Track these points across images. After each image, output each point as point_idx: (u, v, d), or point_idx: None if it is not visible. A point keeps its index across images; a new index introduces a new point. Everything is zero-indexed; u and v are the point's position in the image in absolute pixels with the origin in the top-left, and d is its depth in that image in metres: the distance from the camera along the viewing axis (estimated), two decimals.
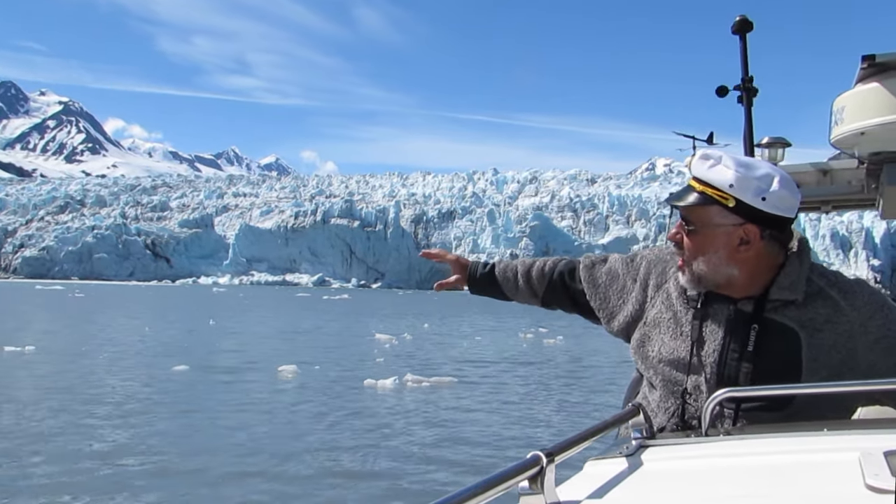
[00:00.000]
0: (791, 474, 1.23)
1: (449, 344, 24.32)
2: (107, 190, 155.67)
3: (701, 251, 1.76)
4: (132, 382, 13.78)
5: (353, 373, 15.83)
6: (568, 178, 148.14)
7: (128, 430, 9.54)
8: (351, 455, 8.48)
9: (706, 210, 1.74)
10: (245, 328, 28.61)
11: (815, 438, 1.38)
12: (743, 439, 1.44)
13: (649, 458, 1.45)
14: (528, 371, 17.46)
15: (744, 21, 3.52)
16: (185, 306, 46.87)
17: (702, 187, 1.74)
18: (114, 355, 17.94)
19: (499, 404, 12.46)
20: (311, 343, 23.00)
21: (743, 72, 3.59)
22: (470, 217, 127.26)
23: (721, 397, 1.51)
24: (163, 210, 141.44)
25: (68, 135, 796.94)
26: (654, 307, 1.91)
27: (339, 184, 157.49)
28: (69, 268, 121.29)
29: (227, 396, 12.40)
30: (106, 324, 30.04)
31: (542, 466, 1.20)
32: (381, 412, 11.43)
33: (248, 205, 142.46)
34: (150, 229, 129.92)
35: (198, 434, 9.46)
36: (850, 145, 3.05)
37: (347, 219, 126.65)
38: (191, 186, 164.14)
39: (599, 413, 11.91)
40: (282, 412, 11.16)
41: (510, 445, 9.30)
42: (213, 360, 17.41)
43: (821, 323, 1.73)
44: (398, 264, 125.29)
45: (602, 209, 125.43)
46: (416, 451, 8.77)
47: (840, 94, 2.92)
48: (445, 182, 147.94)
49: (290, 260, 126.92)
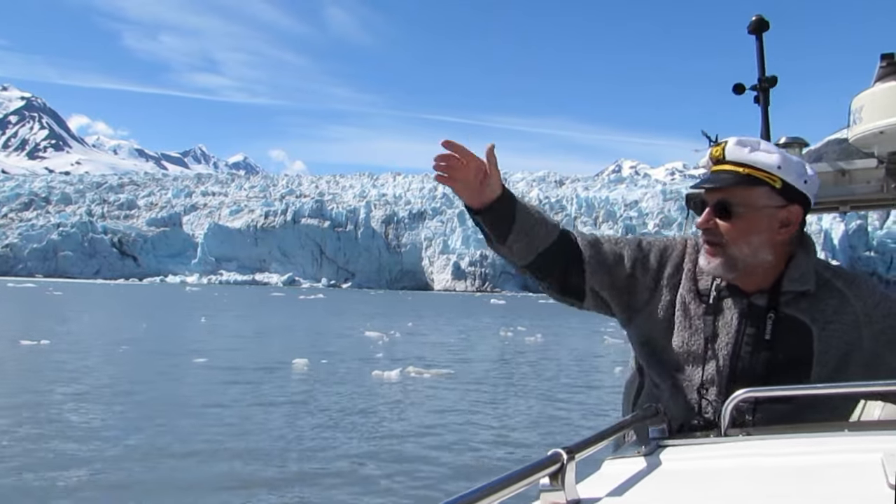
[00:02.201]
0: (813, 474, 1.22)
1: (436, 341, 25.45)
2: (72, 187, 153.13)
3: (744, 234, 1.74)
4: (162, 377, 14.42)
5: (359, 366, 16.96)
6: (537, 180, 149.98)
7: (182, 424, 9.88)
8: (380, 441, 9.39)
9: (752, 191, 1.74)
10: (237, 326, 29.32)
11: (837, 438, 1.37)
12: (763, 439, 1.44)
13: (668, 458, 1.45)
14: (516, 363, 18.86)
15: (760, 21, 3.39)
16: (167, 304, 47.05)
17: (747, 170, 1.73)
18: (129, 351, 18.67)
19: (493, 395, 13.66)
20: (308, 340, 23.84)
21: (760, 72, 3.46)
22: (440, 218, 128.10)
23: (741, 397, 1.51)
24: (130, 208, 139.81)
25: (31, 131, 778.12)
26: (663, 299, 1.86)
27: (310, 184, 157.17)
28: (33, 265, 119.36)
29: (257, 389, 13.26)
30: (101, 320, 30.59)
31: (562, 463, 1.20)
32: (394, 400, 12.64)
33: (217, 204, 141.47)
34: (116, 227, 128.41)
35: (246, 426, 10.03)
36: (868, 145, 3.01)
37: (318, 219, 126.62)
38: (158, 185, 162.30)
39: (590, 401, 13.15)
40: (315, 401, 12.20)
41: (511, 430, 10.46)
42: (226, 355, 18.16)
43: (830, 315, 1.75)
44: (368, 264, 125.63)
45: (570, 211, 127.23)
46: (435, 437, 9.74)
47: (858, 94, 2.86)
48: (416, 183, 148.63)
49: (260, 260, 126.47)
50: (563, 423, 10.98)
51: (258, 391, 12.94)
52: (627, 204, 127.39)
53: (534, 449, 9.14)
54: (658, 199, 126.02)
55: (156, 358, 17.43)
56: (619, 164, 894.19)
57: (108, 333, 23.46)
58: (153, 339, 22.56)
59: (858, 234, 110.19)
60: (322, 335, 26.02)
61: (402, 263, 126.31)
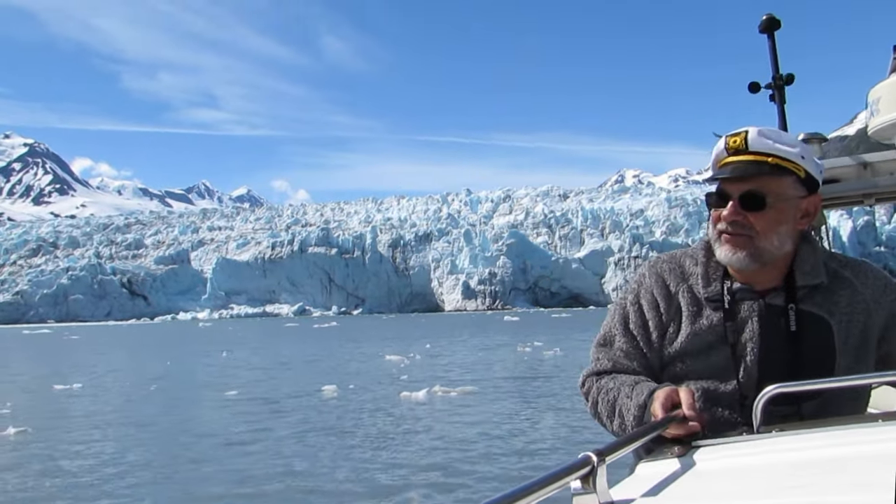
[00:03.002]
0: (845, 465, 1.23)
1: (456, 360, 25.48)
2: (79, 230, 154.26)
3: (774, 225, 1.73)
4: (202, 412, 14.58)
5: (386, 389, 17.10)
6: (541, 195, 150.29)
7: (236, 457, 10.00)
8: (413, 455, 9.60)
9: (781, 181, 1.72)
10: (258, 358, 29.33)
11: (870, 429, 1.38)
12: (796, 434, 1.44)
13: (702, 458, 1.44)
14: (537, 377, 18.88)
15: (771, 19, 3.45)
16: (183, 342, 47.13)
17: (774, 159, 1.71)
18: (162, 388, 18.76)
19: (521, 407, 13.76)
20: (331, 367, 23.88)
21: (773, 70, 3.52)
22: (447, 238, 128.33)
23: (771, 393, 1.52)
24: (137, 248, 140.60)
25: (35, 177, 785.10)
26: (672, 326, 1.84)
27: (315, 212, 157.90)
28: (45, 311, 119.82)
29: (295, 417, 13.40)
30: (123, 361, 30.81)
31: (593, 466, 1.20)
32: (426, 418, 12.77)
33: (223, 238, 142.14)
34: (125, 268, 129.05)
35: (295, 452, 10.20)
36: (888, 136, 2.97)
37: (325, 247, 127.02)
38: (164, 222, 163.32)
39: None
40: (352, 425, 12.37)
41: (545, 439, 10.57)
42: (256, 387, 18.33)
43: (844, 306, 1.76)
44: (378, 289, 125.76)
45: (576, 223, 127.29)
46: (466, 449, 9.92)
47: (875, 85, 2.83)
48: (420, 205, 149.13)
49: (269, 291, 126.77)
50: (592, 432, 10.97)
51: (297, 419, 13.07)
52: (633, 213, 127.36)
53: (561, 453, 9.33)
54: (663, 207, 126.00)
55: (190, 394, 17.63)
56: (622, 173, 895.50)
57: (136, 373, 23.56)
58: (181, 375, 22.70)
59: (867, 229, 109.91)
60: (344, 362, 26.09)
61: (412, 286, 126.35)
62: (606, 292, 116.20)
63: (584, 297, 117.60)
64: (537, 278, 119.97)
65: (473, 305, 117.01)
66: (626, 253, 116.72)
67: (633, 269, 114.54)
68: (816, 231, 3.80)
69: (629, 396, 1.76)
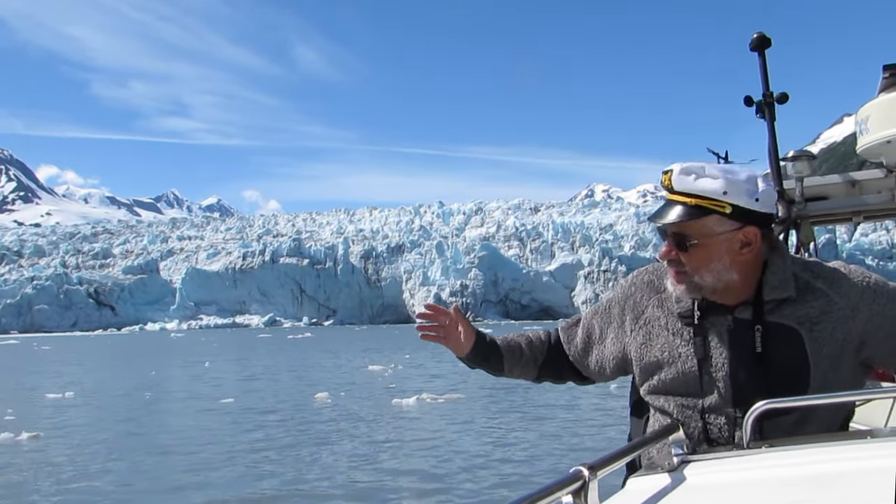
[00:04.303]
0: (835, 482, 1.22)
1: (438, 370, 25.91)
2: (45, 239, 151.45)
3: (704, 263, 1.75)
4: (204, 421, 14.58)
5: (377, 396, 17.65)
6: (512, 208, 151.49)
7: (229, 467, 10.05)
8: (408, 461, 10.07)
9: (703, 221, 1.74)
10: (241, 368, 29.48)
11: (859, 446, 1.38)
12: (787, 450, 1.43)
13: (692, 473, 1.44)
14: (518, 387, 19.36)
15: (762, 38, 3.47)
16: (160, 352, 46.71)
17: (694, 200, 1.72)
18: (156, 398, 18.92)
19: (507, 415, 14.34)
20: (317, 376, 24.22)
21: (764, 87, 3.54)
22: (419, 250, 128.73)
23: (761, 409, 1.52)
24: (105, 257, 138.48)
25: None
26: (639, 338, 1.90)
27: (286, 222, 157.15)
28: (7, 322, 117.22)
29: (296, 422, 13.77)
30: (108, 371, 30.55)
31: (584, 480, 1.19)
32: (417, 423, 13.38)
33: (193, 248, 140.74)
34: (92, 277, 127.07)
35: (303, 455, 10.54)
36: (876, 154, 2.99)
37: (296, 257, 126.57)
38: (133, 232, 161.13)
39: (604, 420, 13.79)
40: (353, 429, 12.88)
41: (535, 445, 11.10)
42: (249, 396, 18.55)
43: (815, 316, 1.75)
44: (349, 300, 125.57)
45: (547, 237, 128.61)
46: (458, 455, 10.37)
47: (864, 104, 2.86)
48: (392, 216, 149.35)
49: (240, 301, 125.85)
50: (579, 442, 11.30)
51: (298, 425, 13.48)
52: (602, 228, 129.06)
53: (551, 459, 9.66)
54: (632, 222, 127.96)
55: (185, 403, 17.75)
56: (592, 188, 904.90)
57: (124, 383, 23.53)
58: (170, 384, 22.84)
59: (828, 247, 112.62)
60: (328, 372, 26.41)
61: (384, 297, 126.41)
62: (576, 305, 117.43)
63: (554, 309, 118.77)
64: (508, 291, 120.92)
65: None
66: (596, 266, 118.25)
67: (602, 282, 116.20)
68: (805, 247, 3.91)
69: None
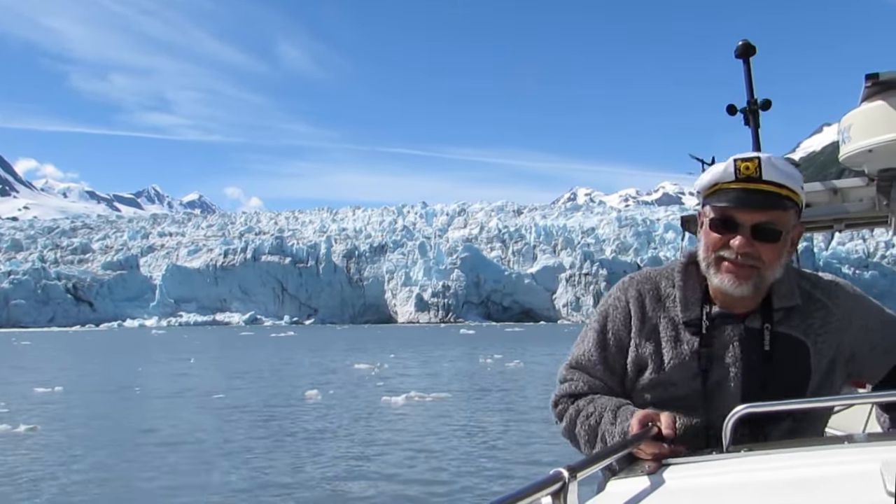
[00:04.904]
0: (813, 486, 1.23)
1: (423, 370, 26.42)
2: (23, 233, 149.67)
3: (779, 257, 1.72)
4: (200, 417, 14.69)
5: (365, 393, 18.01)
6: (495, 210, 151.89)
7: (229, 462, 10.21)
8: (398, 460, 10.28)
9: (788, 214, 1.71)
10: (228, 365, 29.45)
11: (837, 451, 1.39)
12: (765, 454, 1.44)
13: (671, 476, 1.44)
14: (504, 387, 19.85)
15: (746, 45, 3.48)
16: (143, 348, 46.58)
17: (786, 191, 1.68)
18: (146, 393, 19.02)
19: (493, 413, 14.77)
20: (305, 374, 24.41)
21: (748, 95, 3.54)
22: (401, 250, 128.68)
23: (741, 413, 1.52)
24: (84, 252, 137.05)
25: None
26: (644, 347, 1.81)
27: (269, 220, 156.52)
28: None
29: (293, 418, 14.06)
30: (93, 366, 30.51)
31: (564, 482, 1.19)
32: (408, 421, 13.77)
33: (174, 244, 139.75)
34: (71, 273, 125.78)
35: (288, 456, 10.58)
36: (858, 163, 3.01)
37: (278, 255, 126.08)
38: (113, 227, 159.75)
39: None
40: (348, 425, 13.23)
41: (520, 443, 11.43)
42: (240, 393, 18.70)
43: (818, 327, 1.76)
44: (331, 300, 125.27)
45: (529, 239, 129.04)
46: (447, 451, 10.70)
47: (846, 113, 2.88)
48: (375, 216, 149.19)
49: (220, 299, 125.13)
50: (564, 444, 11.60)
51: (294, 421, 13.75)
52: (584, 231, 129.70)
53: (531, 461, 9.86)
54: (614, 226, 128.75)
55: (177, 398, 17.81)
56: (575, 191, 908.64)
57: (111, 378, 23.65)
58: (158, 380, 22.87)
59: (805, 255, 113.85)
60: (315, 370, 26.54)
61: (365, 297, 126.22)
62: (557, 308, 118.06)
63: (535, 311, 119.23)
64: (490, 292, 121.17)
65: (426, 318, 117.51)
66: (577, 270, 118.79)
67: (583, 285, 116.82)
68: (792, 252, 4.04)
69: (612, 423, 1.73)
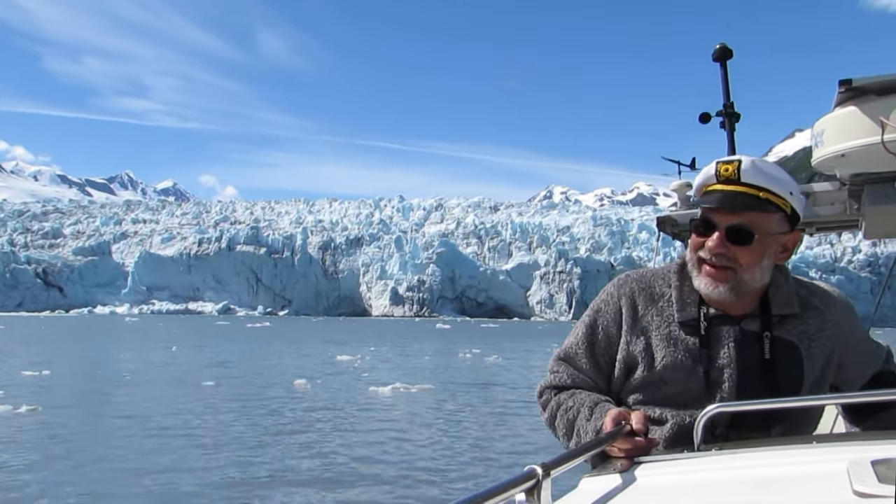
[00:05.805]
0: (782, 484, 1.26)
1: (404, 363, 26.86)
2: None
3: (758, 260, 1.70)
4: (195, 403, 14.64)
5: (353, 384, 18.39)
6: (472, 206, 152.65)
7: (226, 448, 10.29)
8: (376, 448, 10.60)
9: (768, 217, 1.69)
10: (210, 354, 29.48)
11: (805, 450, 1.42)
12: (735, 453, 1.46)
13: (643, 474, 1.47)
14: (483, 382, 20.33)
15: (724, 49, 3.51)
16: (121, 335, 46.31)
17: (765, 194, 1.67)
18: (138, 379, 19.03)
19: (474, 404, 15.35)
20: (289, 364, 24.67)
21: (724, 98, 3.55)
22: (378, 244, 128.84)
23: (712, 412, 1.53)
24: (55, 237, 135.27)
25: None
26: (636, 347, 1.81)
27: (244, 210, 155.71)
28: None
29: (286, 406, 14.34)
30: (76, 351, 30.46)
31: (538, 479, 1.20)
32: (394, 409, 14.29)
33: (148, 231, 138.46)
34: (41, 257, 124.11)
35: (276, 443, 10.74)
36: (830, 168, 3.07)
37: (254, 245, 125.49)
38: (85, 212, 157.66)
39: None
40: (340, 412, 13.66)
41: (501, 436, 11.86)
42: (230, 381, 18.88)
43: (812, 334, 1.77)
44: (305, 291, 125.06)
45: (505, 236, 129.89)
46: (430, 450, 10.88)
47: (820, 118, 2.93)
48: (352, 209, 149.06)
49: (194, 288, 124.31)
50: (543, 440, 11.54)
51: (288, 408, 14.11)
52: (560, 229, 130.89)
53: (507, 456, 10.20)
54: (589, 225, 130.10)
55: (169, 385, 17.81)
56: (551, 189, 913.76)
57: (99, 363, 23.70)
58: (146, 367, 22.81)
59: None
60: (298, 361, 26.75)
61: (340, 290, 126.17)
62: (531, 305, 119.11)
63: (509, 308, 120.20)
64: (465, 288, 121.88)
65: (401, 312, 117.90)
66: (552, 267, 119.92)
67: (557, 283, 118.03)
68: None
69: (588, 419, 1.75)
